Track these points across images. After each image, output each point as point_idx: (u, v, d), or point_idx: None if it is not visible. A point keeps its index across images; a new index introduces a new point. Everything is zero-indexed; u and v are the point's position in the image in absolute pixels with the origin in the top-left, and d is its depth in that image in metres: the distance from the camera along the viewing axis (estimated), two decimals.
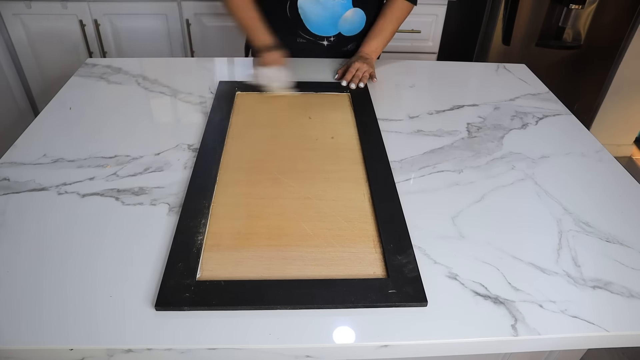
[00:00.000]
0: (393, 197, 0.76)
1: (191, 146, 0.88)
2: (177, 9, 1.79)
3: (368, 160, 0.85)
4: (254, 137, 0.92)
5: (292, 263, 0.64)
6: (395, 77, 1.18)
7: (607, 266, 0.67)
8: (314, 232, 0.70)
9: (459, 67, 1.25)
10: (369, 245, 0.68)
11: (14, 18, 1.76)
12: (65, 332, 0.55)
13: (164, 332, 0.55)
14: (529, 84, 1.18)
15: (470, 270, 0.65)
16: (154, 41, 1.86)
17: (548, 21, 1.81)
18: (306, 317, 0.58)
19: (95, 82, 1.10)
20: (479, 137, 0.95)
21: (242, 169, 0.83)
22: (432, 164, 0.86)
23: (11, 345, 0.54)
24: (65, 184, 0.78)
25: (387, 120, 0.99)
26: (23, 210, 0.72)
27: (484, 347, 0.58)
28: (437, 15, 1.91)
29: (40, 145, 0.87)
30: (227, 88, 1.07)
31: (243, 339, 0.55)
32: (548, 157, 0.90)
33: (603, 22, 1.82)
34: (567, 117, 1.05)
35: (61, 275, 0.62)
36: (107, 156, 0.85)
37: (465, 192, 0.79)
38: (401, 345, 0.56)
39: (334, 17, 1.14)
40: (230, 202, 0.75)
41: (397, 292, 0.60)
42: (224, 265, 0.64)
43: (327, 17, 1.13)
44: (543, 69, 1.39)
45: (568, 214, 0.76)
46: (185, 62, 1.24)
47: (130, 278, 0.62)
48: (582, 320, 0.59)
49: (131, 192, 0.76)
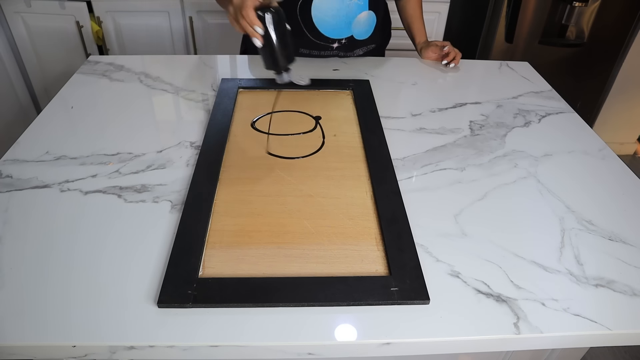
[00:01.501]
0: (395, 195, 0.76)
1: (193, 143, 0.88)
2: (179, 6, 1.79)
3: (370, 158, 0.85)
4: (256, 134, 0.92)
5: (294, 260, 0.64)
6: (397, 75, 1.18)
7: (609, 264, 0.67)
8: (316, 230, 0.70)
9: (462, 65, 1.24)
10: (371, 242, 0.68)
11: (15, 16, 1.76)
12: (68, 329, 0.55)
13: (166, 329, 0.55)
14: (532, 81, 1.18)
15: (472, 268, 0.65)
16: (157, 39, 1.86)
17: (551, 19, 1.80)
18: (308, 315, 0.58)
19: (97, 79, 1.10)
20: (481, 135, 0.95)
21: (244, 166, 0.83)
22: (435, 161, 0.86)
23: (14, 341, 0.54)
24: (68, 182, 0.78)
25: (390, 118, 0.99)
26: (26, 208, 0.72)
27: (486, 345, 0.58)
28: (440, 12, 1.90)
29: (42, 142, 0.87)
30: (229, 85, 1.07)
31: (245, 336, 0.55)
32: (551, 155, 0.90)
33: (606, 20, 1.81)
34: (570, 115, 1.04)
35: (64, 273, 0.62)
36: (109, 153, 0.85)
37: (468, 190, 0.79)
38: (403, 342, 0.56)
39: (349, 17, 1.12)
40: (233, 200, 0.75)
41: (400, 290, 0.60)
42: (226, 263, 0.64)
43: (341, 17, 1.12)
44: (546, 67, 1.38)
45: (571, 212, 0.76)
46: (187, 59, 1.24)
47: (132, 275, 0.62)
48: (584, 318, 0.59)
49: (133, 190, 0.76)
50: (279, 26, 0.80)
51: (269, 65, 0.84)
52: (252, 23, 0.79)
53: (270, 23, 0.79)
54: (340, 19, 1.12)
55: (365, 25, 1.15)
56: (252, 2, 0.79)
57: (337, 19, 1.11)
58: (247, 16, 0.78)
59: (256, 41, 0.81)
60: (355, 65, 1.20)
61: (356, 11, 1.12)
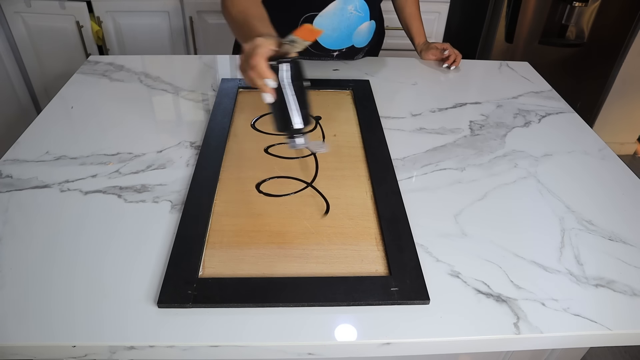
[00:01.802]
0: (395, 195, 0.76)
1: (193, 144, 0.88)
2: (179, 6, 1.79)
3: (370, 158, 0.85)
4: (256, 134, 0.92)
5: (294, 261, 0.64)
6: (397, 75, 1.18)
7: (609, 264, 0.67)
8: (316, 230, 0.70)
9: (462, 65, 1.24)
10: (371, 242, 0.68)
11: (15, 16, 1.76)
12: (68, 329, 0.55)
13: (166, 329, 0.55)
14: (532, 81, 1.18)
15: (472, 268, 0.65)
16: (157, 39, 1.86)
17: (551, 19, 1.80)
18: (308, 315, 0.58)
19: (97, 79, 1.10)
20: (481, 135, 0.95)
21: (244, 166, 0.83)
22: (435, 161, 0.86)
23: (14, 341, 0.54)
24: (68, 182, 0.78)
25: (390, 118, 0.99)
26: (26, 208, 0.72)
27: (486, 345, 0.58)
28: (440, 12, 1.90)
29: (42, 142, 0.87)
30: (229, 85, 1.07)
31: (245, 336, 0.55)
32: (551, 155, 0.90)
33: (606, 20, 1.81)
34: (570, 115, 1.04)
35: (64, 273, 0.62)
36: (109, 153, 0.85)
37: (468, 190, 0.79)
38: (403, 342, 0.56)
39: (350, 29, 1.11)
40: (233, 200, 0.75)
41: (400, 290, 0.60)
42: (226, 263, 0.64)
43: (342, 30, 1.11)
44: (546, 67, 1.38)
45: (571, 212, 0.76)
46: (187, 59, 1.24)
47: (132, 275, 0.62)
48: (584, 318, 0.59)
49: (133, 190, 0.76)
50: (296, 80, 0.65)
51: (281, 126, 0.68)
52: (262, 75, 0.63)
53: (285, 77, 0.65)
54: (342, 31, 1.11)
55: (366, 34, 1.15)
56: (265, 51, 0.64)
57: (338, 31, 1.11)
58: (257, 66, 0.63)
59: (267, 96, 0.65)
60: (355, 65, 1.20)
61: (357, 23, 1.11)
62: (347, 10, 1.07)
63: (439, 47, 1.24)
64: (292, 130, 0.68)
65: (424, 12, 1.56)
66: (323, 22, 1.07)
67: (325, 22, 1.07)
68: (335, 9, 1.05)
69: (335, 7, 1.05)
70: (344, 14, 1.07)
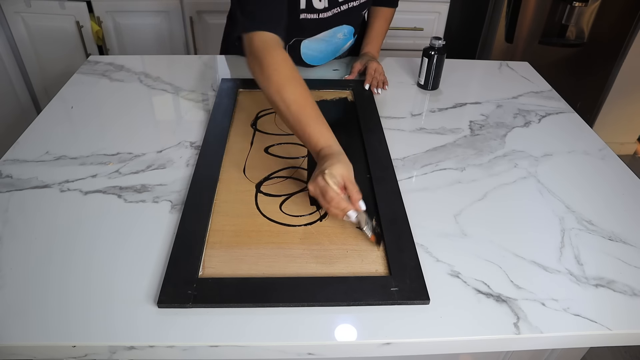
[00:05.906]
0: (395, 195, 0.76)
1: (193, 144, 0.88)
2: (179, 6, 1.79)
3: (370, 157, 0.85)
4: (256, 134, 0.92)
5: (294, 261, 0.64)
6: (397, 75, 1.18)
7: (609, 265, 0.67)
8: (316, 230, 0.70)
9: (462, 65, 1.24)
10: (371, 242, 0.68)
11: (15, 16, 1.76)
12: (68, 329, 0.55)
13: (166, 329, 0.55)
14: (532, 81, 1.18)
15: (472, 268, 0.65)
16: (157, 39, 1.86)
17: (551, 19, 1.80)
18: (308, 315, 0.58)
19: (97, 79, 1.10)
20: (481, 135, 0.95)
21: (244, 166, 0.83)
22: (435, 162, 0.86)
23: (14, 341, 0.54)
24: (68, 182, 0.78)
25: (390, 118, 0.99)
26: (26, 208, 0.72)
27: (486, 345, 0.58)
28: (440, 12, 1.90)
29: (42, 142, 0.87)
30: (229, 86, 1.07)
31: (245, 336, 0.55)
32: (551, 155, 0.90)
33: (606, 20, 1.81)
34: (570, 115, 1.04)
35: (64, 273, 0.62)
36: (109, 154, 0.85)
37: (468, 190, 0.79)
38: (403, 342, 0.56)
39: (336, 50, 1.14)
40: (233, 200, 0.75)
41: (400, 290, 0.60)
42: (226, 263, 0.64)
43: (329, 52, 1.13)
44: (546, 67, 1.38)
45: (571, 212, 0.76)
46: (187, 59, 1.24)
47: (132, 275, 0.62)
48: (584, 318, 0.59)
49: (133, 190, 0.76)
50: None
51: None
52: (344, 211, 0.65)
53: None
54: (328, 53, 1.13)
55: (347, 47, 1.17)
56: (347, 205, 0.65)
57: (324, 53, 1.13)
58: (335, 200, 0.64)
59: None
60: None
61: (343, 44, 1.13)
62: (336, 37, 1.09)
63: (370, 65, 1.11)
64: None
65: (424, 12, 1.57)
66: (311, 45, 1.08)
67: (313, 45, 1.09)
68: (325, 36, 1.07)
69: (325, 35, 1.06)
70: (333, 40, 1.09)
